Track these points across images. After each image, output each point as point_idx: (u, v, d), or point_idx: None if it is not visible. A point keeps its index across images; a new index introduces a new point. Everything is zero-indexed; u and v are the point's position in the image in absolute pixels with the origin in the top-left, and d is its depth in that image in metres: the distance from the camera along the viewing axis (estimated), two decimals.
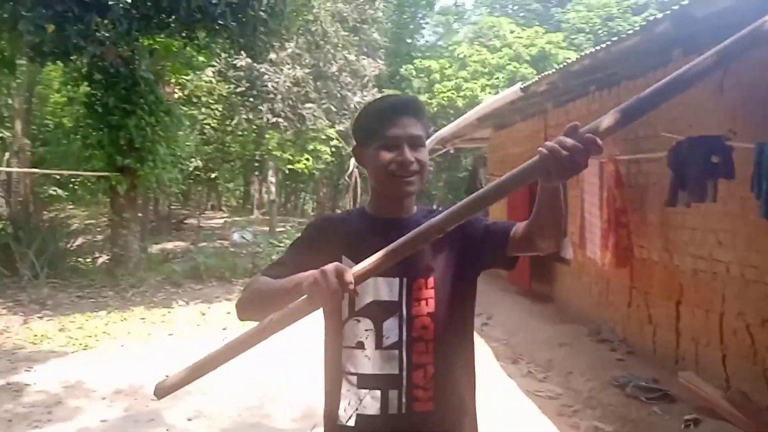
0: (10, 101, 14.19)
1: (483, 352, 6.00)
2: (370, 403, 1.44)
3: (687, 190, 4.13)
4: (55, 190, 14.61)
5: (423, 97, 19.13)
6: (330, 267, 1.18)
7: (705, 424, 3.98)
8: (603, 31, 20.83)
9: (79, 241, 11.86)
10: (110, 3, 7.05)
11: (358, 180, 14.16)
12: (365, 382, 1.46)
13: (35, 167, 14.25)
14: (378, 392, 1.44)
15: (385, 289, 1.47)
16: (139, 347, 6.24)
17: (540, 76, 5.84)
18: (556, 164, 1.12)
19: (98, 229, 13.84)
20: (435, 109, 18.55)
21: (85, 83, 9.43)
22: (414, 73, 20.52)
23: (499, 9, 27.70)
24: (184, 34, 9.42)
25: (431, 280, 1.48)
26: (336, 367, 1.50)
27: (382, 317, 1.46)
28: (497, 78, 17.74)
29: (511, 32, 19.78)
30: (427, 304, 1.47)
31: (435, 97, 18.62)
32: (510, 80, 16.63)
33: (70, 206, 21.03)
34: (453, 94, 18.23)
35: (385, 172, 1.46)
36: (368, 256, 1.25)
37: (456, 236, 1.50)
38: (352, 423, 1.46)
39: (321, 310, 1.36)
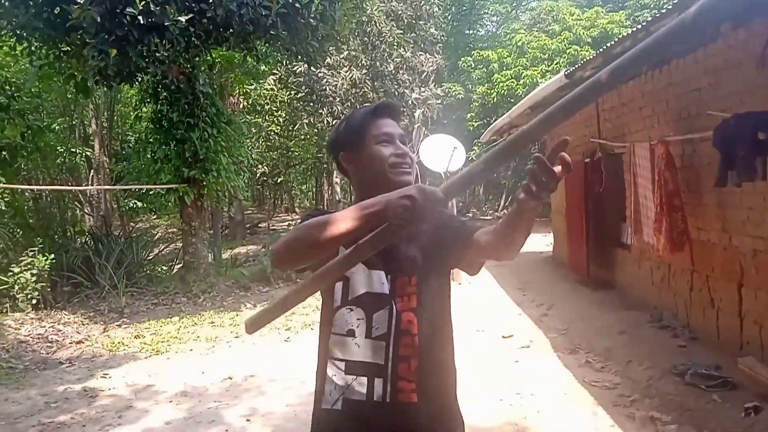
0: (92, 122, 15.17)
1: (541, 343, 5.94)
2: (357, 388, 1.51)
3: (735, 169, 3.95)
4: (135, 203, 15.40)
5: (482, 88, 18.94)
6: (412, 188, 1.25)
7: (766, 411, 3.81)
8: (670, 5, 19.85)
9: (157, 250, 12.52)
10: (167, 24, 7.38)
11: (420, 176, 14.17)
12: (353, 368, 1.52)
13: (115, 183, 15.09)
14: (365, 379, 1.51)
15: (377, 282, 1.54)
16: (207, 350, 6.55)
17: (584, 61, 5.71)
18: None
19: (178, 237, 14.54)
20: (495, 99, 18.30)
21: (152, 101, 9.91)
22: (472, 64, 20.31)
23: None
24: (242, 47, 9.71)
25: (414, 278, 1.55)
26: (326, 352, 1.57)
27: (373, 308, 1.53)
28: (557, 63, 17.27)
29: (571, 15, 19.22)
30: (410, 300, 1.54)
31: (495, 87, 18.36)
32: (571, 64, 16.20)
33: (155, 217, 22.20)
34: (513, 83, 17.91)
35: (388, 164, 1.55)
36: (362, 248, 1.32)
37: (435, 233, 1.59)
38: (338, 407, 1.52)
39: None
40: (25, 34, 8.05)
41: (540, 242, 12.96)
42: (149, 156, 9.89)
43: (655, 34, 0.98)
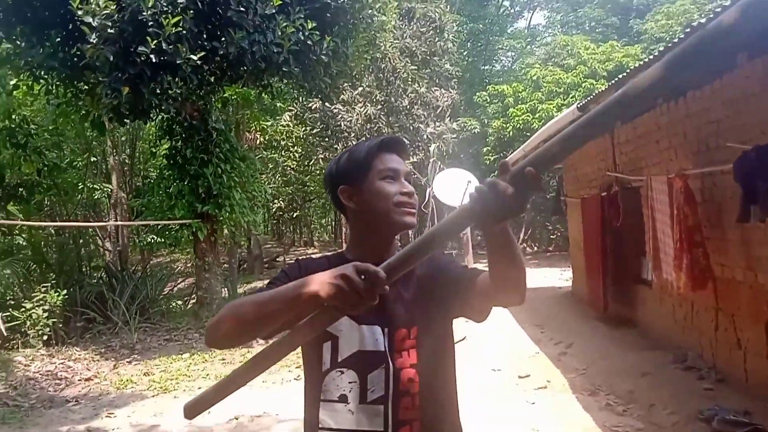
0: (109, 158, 15.33)
1: (558, 384, 5.69)
2: None
3: (758, 203, 3.75)
4: (153, 238, 15.43)
5: (498, 122, 18.88)
6: (348, 267, 1.12)
7: None
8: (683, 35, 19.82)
9: (172, 284, 12.46)
10: (179, 62, 7.40)
11: (435, 210, 14.05)
12: None
13: (135, 218, 15.15)
14: None
15: (370, 339, 1.39)
16: None
17: (595, 94, 5.58)
18: (487, 207, 1.04)
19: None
20: (511, 133, 18.21)
21: (167, 137, 9.95)
22: (488, 99, 20.31)
23: (575, 26, 27.05)
24: (256, 84, 9.75)
25: (414, 330, 1.42)
26: (313, 421, 1.42)
27: (367, 369, 1.38)
28: (573, 96, 17.18)
29: (586, 49, 19.20)
30: (410, 355, 1.39)
31: (510, 121, 18.30)
32: (586, 97, 16.12)
33: (175, 251, 22.27)
34: (528, 116, 17.82)
35: (392, 202, 1.44)
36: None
37: (434, 279, 1.45)
38: None
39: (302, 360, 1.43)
40: (41, 73, 8.15)
41: (559, 277, 12.69)
42: (164, 192, 9.90)
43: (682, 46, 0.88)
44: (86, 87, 8.26)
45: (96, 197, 16.59)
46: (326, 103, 13.63)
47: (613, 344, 6.70)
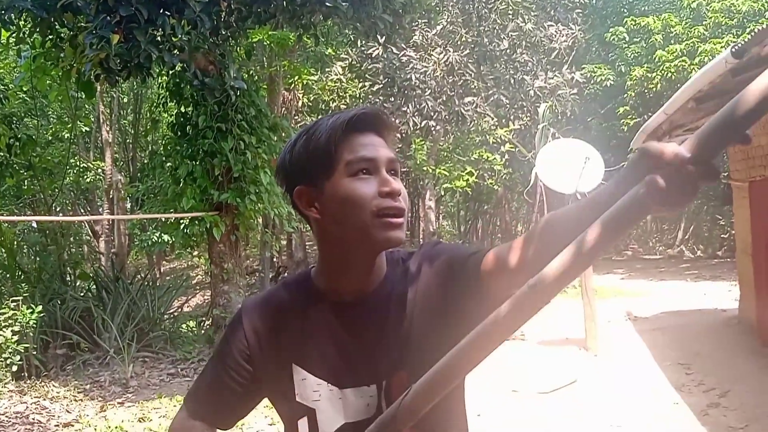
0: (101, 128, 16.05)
1: None
2: None
3: None
4: (160, 236, 15.94)
5: (640, 71, 18.50)
6: None
7: None
8: None
9: (184, 299, 12.97)
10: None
11: (545, 196, 13.95)
12: None
13: (133, 209, 15.73)
14: None
15: (358, 404, 1.44)
16: None
17: (758, 31, 5.42)
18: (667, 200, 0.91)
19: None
20: (659, 85, 17.82)
21: (173, 100, 10.31)
22: (626, 37, 19.93)
23: None
24: (293, 24, 9.88)
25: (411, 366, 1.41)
26: None
27: None
28: (750, 32, 16.64)
29: None
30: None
31: (658, 68, 17.93)
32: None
33: (195, 254, 23.00)
34: (685, 61, 17.40)
35: (369, 210, 1.37)
36: (333, 365, 1.39)
37: (441, 289, 1.45)
38: None
39: None
40: (11, 17, 8.60)
41: (724, 296, 12.35)
42: (169, 173, 10.24)
43: None
44: (69, 34, 8.64)
45: (87, 180, 17.32)
46: (391, 48, 13.72)
47: None
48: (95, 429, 7.24)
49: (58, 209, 17.54)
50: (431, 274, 1.47)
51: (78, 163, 16.63)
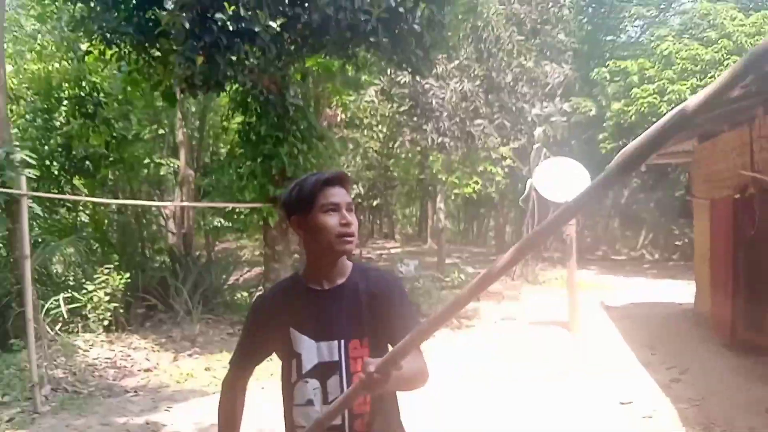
0: (178, 132, 16.16)
1: (666, 414, 5.67)
2: None
3: None
4: (220, 222, 16.12)
5: (618, 105, 18.44)
6: None
7: None
8: None
9: (239, 273, 13.08)
10: (257, 30, 7.78)
11: (536, 205, 13.98)
12: None
13: (201, 198, 15.87)
14: None
15: (327, 352, 1.96)
16: (279, 389, 6.72)
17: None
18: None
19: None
20: (633, 118, 17.75)
21: (241, 112, 10.42)
22: (607, 76, 19.84)
23: None
24: (340, 54, 10.03)
25: (366, 340, 1.97)
26: (291, 422, 2.02)
27: (327, 376, 1.95)
28: (712, 77, 16.51)
29: (732, 20, 18.35)
30: (362, 361, 1.79)
31: (633, 103, 17.83)
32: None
33: (243, 237, 23.18)
34: (655, 99, 17.29)
35: (334, 234, 1.92)
36: (312, 328, 1.95)
37: (378, 305, 1.99)
38: None
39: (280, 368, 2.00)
40: (114, 38, 8.75)
41: (681, 291, 12.36)
42: (234, 171, 10.38)
43: None
44: (159, 55, 8.80)
45: (162, 174, 17.50)
46: (417, 78, 13.76)
47: (737, 374, 6.57)
48: (170, 374, 7.37)
49: (138, 197, 17.79)
50: (379, 289, 2.01)
51: (156, 159, 16.82)
